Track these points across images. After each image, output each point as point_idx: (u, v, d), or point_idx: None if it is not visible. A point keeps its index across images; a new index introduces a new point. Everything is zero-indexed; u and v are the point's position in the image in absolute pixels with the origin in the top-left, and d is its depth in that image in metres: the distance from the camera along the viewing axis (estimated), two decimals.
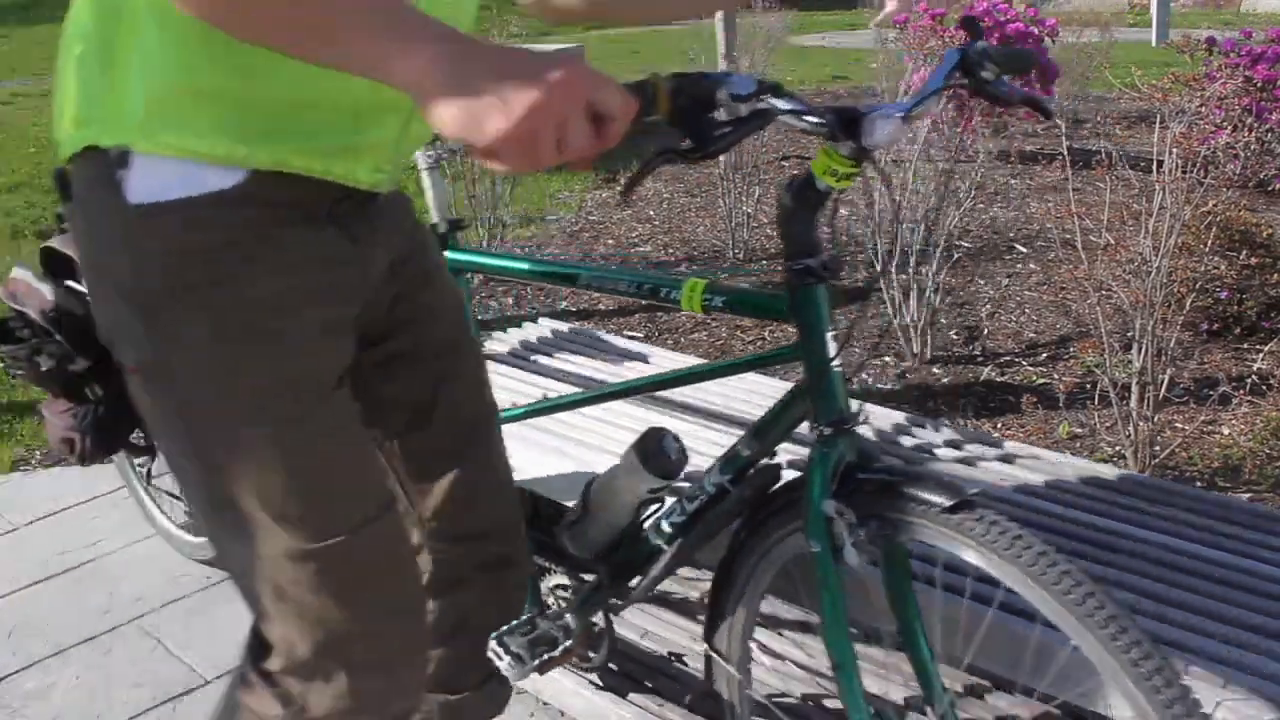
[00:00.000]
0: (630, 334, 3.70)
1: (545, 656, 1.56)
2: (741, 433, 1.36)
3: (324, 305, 1.12)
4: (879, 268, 3.42)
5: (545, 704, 1.89)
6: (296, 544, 1.11)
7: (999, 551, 1.11)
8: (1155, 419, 2.62)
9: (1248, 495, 2.51)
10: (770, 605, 1.86)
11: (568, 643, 1.56)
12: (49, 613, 2.27)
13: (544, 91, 0.81)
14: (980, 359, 3.45)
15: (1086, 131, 6.33)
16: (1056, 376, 3.25)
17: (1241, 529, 1.63)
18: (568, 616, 1.57)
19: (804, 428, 1.27)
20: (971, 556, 1.14)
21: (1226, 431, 2.86)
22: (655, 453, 1.40)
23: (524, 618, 1.57)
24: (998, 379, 3.29)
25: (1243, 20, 12.50)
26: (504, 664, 1.54)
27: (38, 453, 2.98)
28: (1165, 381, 2.62)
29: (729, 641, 1.45)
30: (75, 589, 2.34)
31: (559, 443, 1.97)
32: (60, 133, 1.08)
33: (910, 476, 1.20)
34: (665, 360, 2.32)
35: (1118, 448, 2.69)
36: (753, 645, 1.48)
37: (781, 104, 1.06)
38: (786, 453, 1.74)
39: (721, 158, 4.91)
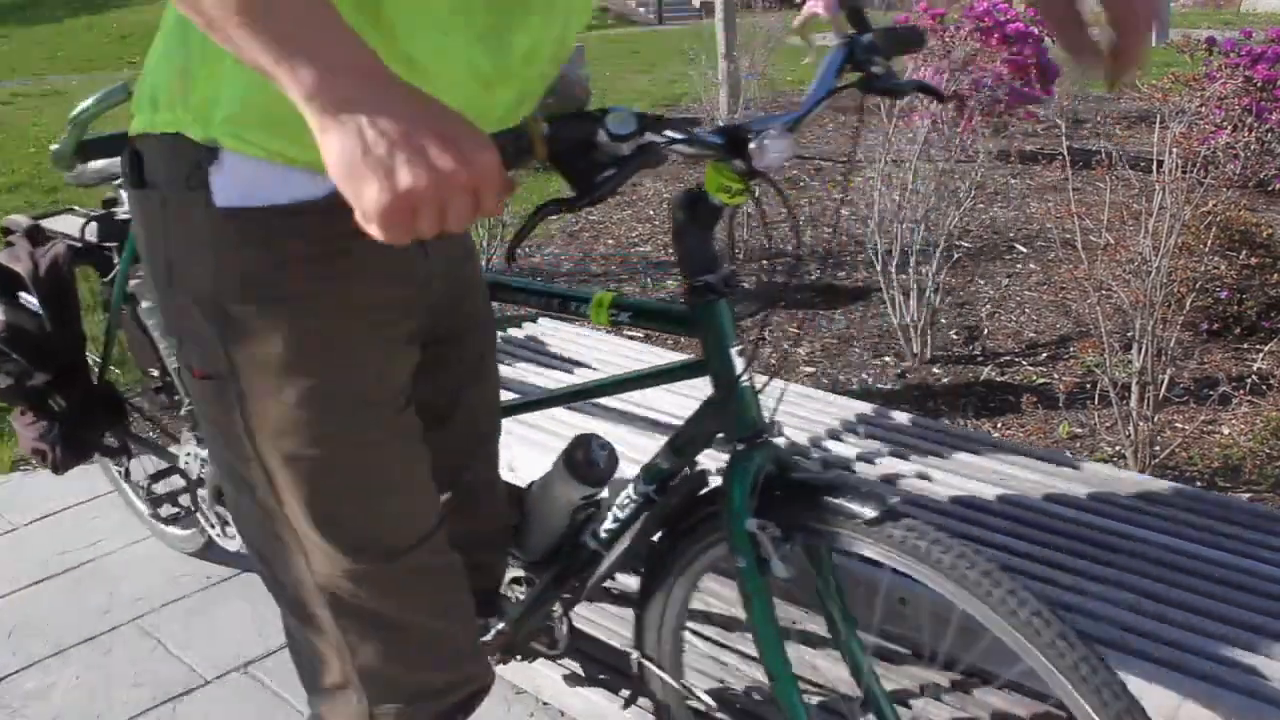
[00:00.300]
0: (630, 334, 3.70)
1: (496, 630, 1.58)
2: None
3: (397, 320, 1.11)
4: (879, 267, 3.42)
5: (545, 704, 1.89)
6: (358, 564, 1.11)
7: (923, 558, 1.11)
8: (1155, 419, 2.62)
9: (1248, 495, 2.51)
10: (703, 603, 1.86)
11: (500, 626, 1.58)
12: (49, 613, 2.27)
13: (431, 180, 0.78)
14: (980, 359, 3.45)
15: (1086, 131, 6.33)
16: (1056, 376, 3.25)
17: (1241, 529, 1.63)
18: (522, 611, 1.59)
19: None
20: (898, 563, 1.14)
21: (1226, 431, 2.86)
22: (583, 461, 1.40)
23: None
24: (998, 379, 3.29)
25: (1243, 20, 12.50)
26: None
27: None
28: (1165, 381, 2.62)
29: (659, 646, 1.46)
30: (75, 589, 2.34)
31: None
32: (141, 103, 1.03)
33: (832, 486, 1.19)
34: (654, 358, 2.32)
35: (1118, 448, 2.69)
36: (686, 643, 1.49)
37: (664, 137, 1.00)
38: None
39: None
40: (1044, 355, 3.46)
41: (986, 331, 3.67)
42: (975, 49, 5.11)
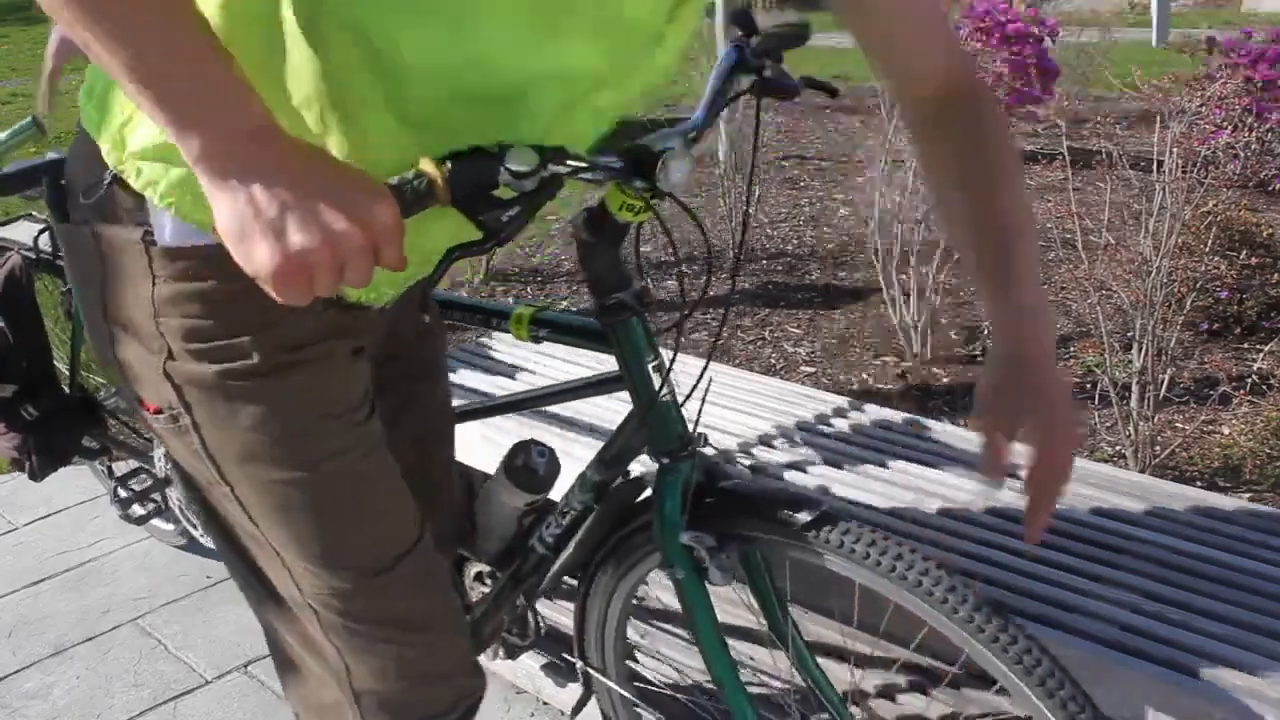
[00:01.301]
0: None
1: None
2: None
3: (348, 336, 1.09)
4: (879, 267, 3.42)
5: (545, 704, 1.89)
6: (346, 581, 1.09)
7: (859, 560, 1.12)
8: (1155, 419, 2.62)
9: (1248, 495, 2.51)
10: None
11: (471, 597, 1.59)
12: (49, 613, 2.27)
13: (324, 241, 0.77)
14: (980, 359, 3.45)
15: (1086, 131, 6.32)
16: None
17: (1241, 529, 1.62)
18: (486, 607, 1.60)
19: None
20: (836, 567, 1.15)
21: (1226, 431, 2.86)
22: (522, 467, 1.40)
23: None
24: None
25: (1243, 20, 12.49)
26: None
27: None
28: (1165, 381, 2.62)
29: (601, 654, 1.47)
30: (75, 589, 2.34)
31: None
32: (97, 134, 0.99)
33: (764, 494, 1.21)
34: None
35: (1118, 448, 2.69)
36: (629, 646, 1.52)
37: (567, 166, 0.97)
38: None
39: (721, 156, 4.91)
40: None
41: (987, 331, 3.67)
42: (975, 49, 5.11)
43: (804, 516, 1.14)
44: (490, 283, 4.33)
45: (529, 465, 1.40)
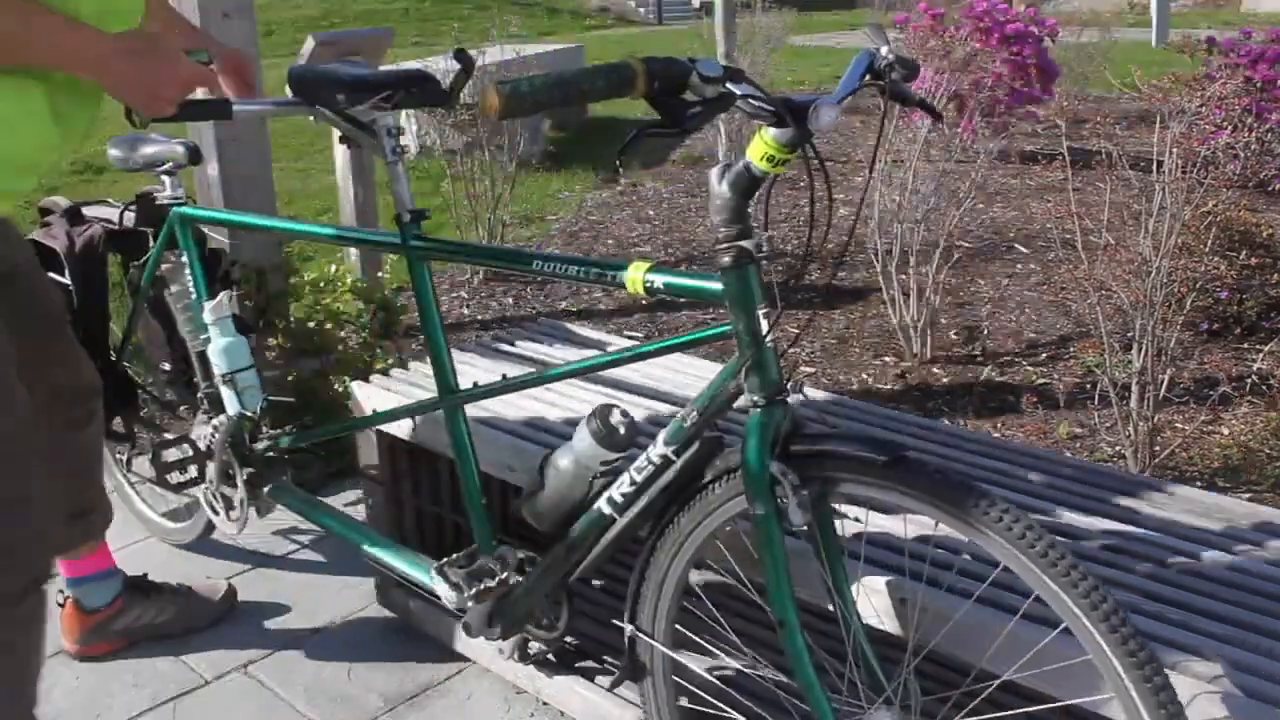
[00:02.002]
0: (630, 334, 3.70)
1: (482, 586, 1.65)
2: (683, 409, 1.43)
3: None
4: (879, 267, 3.42)
5: (545, 704, 1.89)
6: None
7: (940, 499, 1.18)
8: (1155, 419, 2.62)
9: (1248, 495, 2.51)
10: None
11: (503, 575, 1.66)
12: (49, 613, 2.26)
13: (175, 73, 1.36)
14: (980, 359, 3.45)
15: (1086, 131, 6.32)
16: (1056, 376, 3.25)
17: (1241, 529, 1.63)
18: (528, 585, 1.65)
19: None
20: (911, 505, 1.21)
21: (1226, 431, 2.86)
22: (606, 428, 1.48)
23: (465, 551, 1.70)
24: (998, 379, 3.29)
25: (1243, 20, 12.50)
26: (444, 591, 1.67)
27: None
28: (1165, 381, 2.62)
29: (655, 617, 1.51)
30: None
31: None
32: None
33: (844, 438, 1.30)
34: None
35: (1118, 448, 2.69)
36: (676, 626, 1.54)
37: (741, 89, 1.17)
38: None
39: (720, 155, 4.91)
40: (1044, 355, 3.46)
41: (986, 331, 3.67)
42: (975, 49, 5.11)
43: (879, 458, 1.21)
44: (490, 283, 4.33)
45: (612, 425, 1.48)
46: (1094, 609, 1.12)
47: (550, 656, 1.87)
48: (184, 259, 2.05)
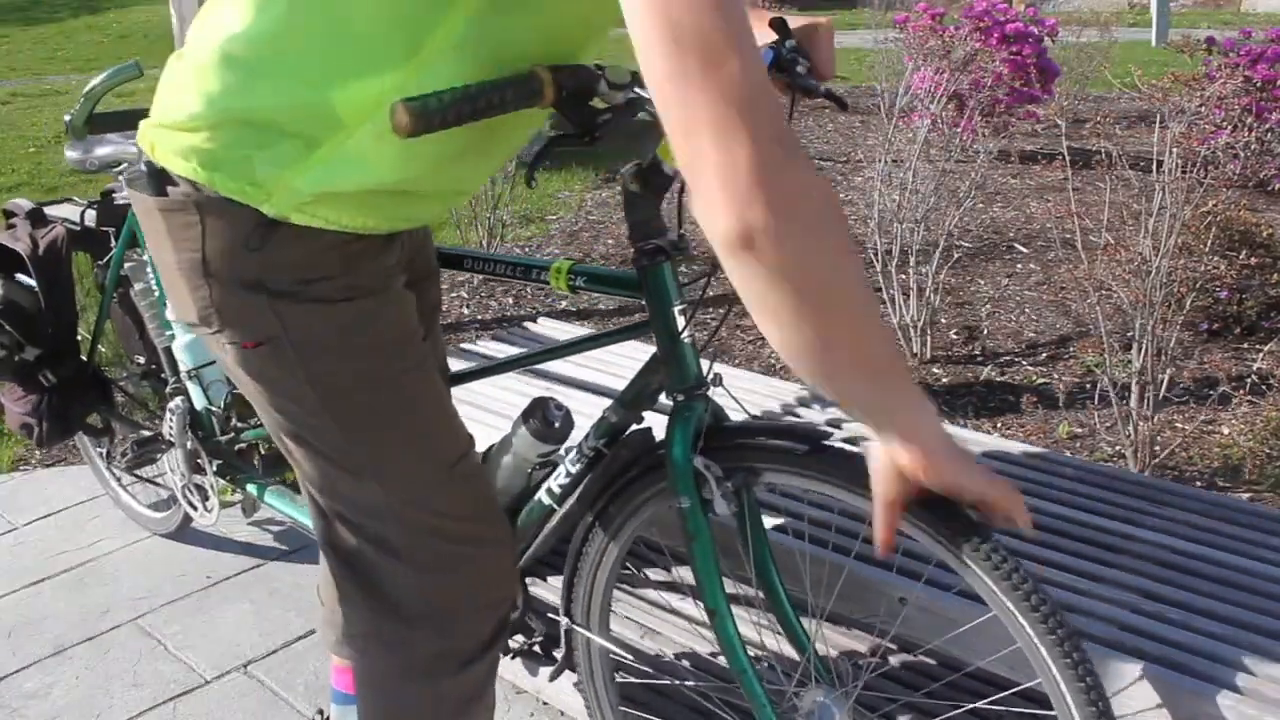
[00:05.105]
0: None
1: None
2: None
3: (396, 273, 1.28)
4: (879, 267, 3.42)
5: (545, 704, 1.89)
6: (440, 469, 1.28)
7: (854, 484, 1.18)
8: (1155, 419, 2.62)
9: (1248, 495, 2.51)
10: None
11: None
12: (49, 613, 2.27)
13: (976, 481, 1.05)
14: (980, 359, 3.45)
15: (1086, 131, 6.32)
16: (1056, 376, 3.25)
17: (1241, 529, 1.63)
18: None
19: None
20: (830, 492, 1.23)
21: (1226, 431, 2.86)
22: (541, 420, 1.50)
23: None
24: (998, 379, 3.29)
25: (1243, 20, 12.50)
26: None
27: (38, 453, 2.98)
28: (1165, 381, 2.62)
29: (588, 609, 1.53)
30: (75, 589, 2.34)
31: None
32: (183, 136, 1.14)
33: (766, 429, 1.33)
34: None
35: (1118, 448, 2.69)
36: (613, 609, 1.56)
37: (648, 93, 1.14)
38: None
39: None
40: (1044, 355, 3.46)
41: (986, 331, 3.67)
42: (975, 49, 5.11)
43: (802, 446, 1.23)
44: (490, 283, 4.33)
45: (548, 417, 1.50)
46: (995, 569, 1.11)
47: (535, 648, 1.87)
48: (145, 257, 2.07)
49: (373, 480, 1.25)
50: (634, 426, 1.45)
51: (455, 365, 1.63)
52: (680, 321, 1.32)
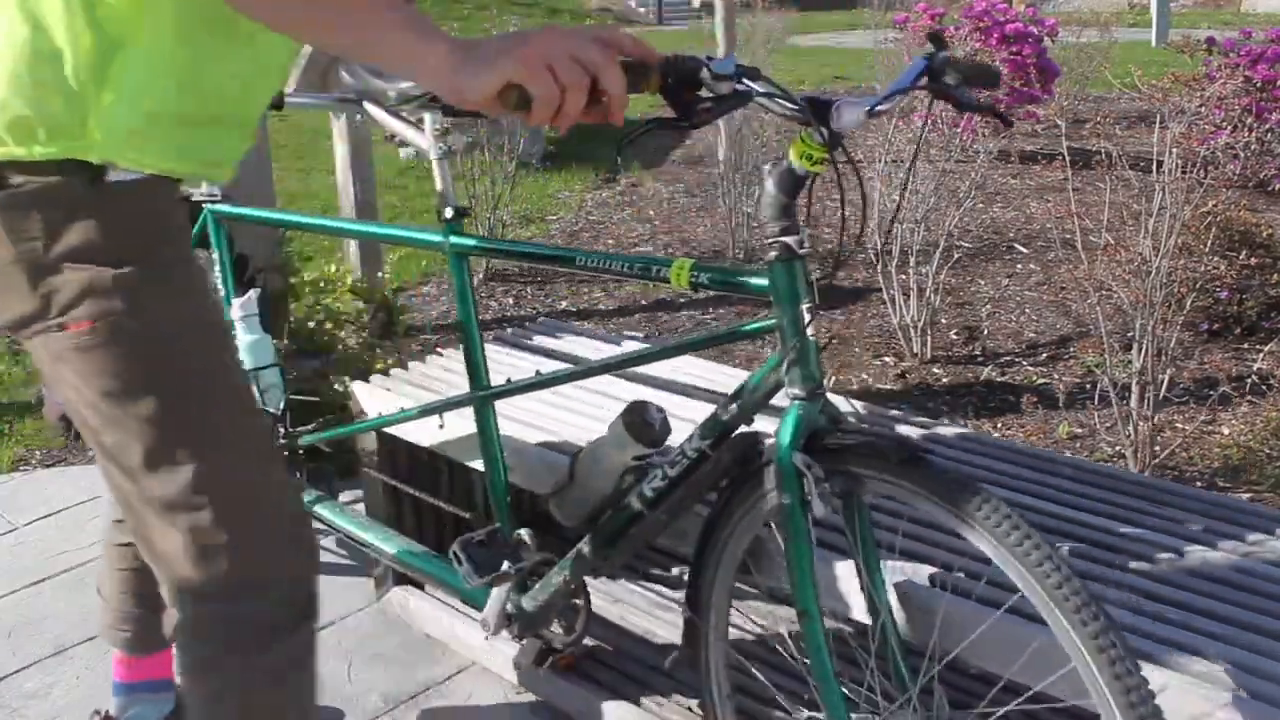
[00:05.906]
0: (630, 334, 3.70)
1: (501, 569, 1.66)
2: (718, 404, 1.44)
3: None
4: (879, 267, 3.42)
5: (545, 704, 1.89)
6: (262, 443, 1.33)
7: (948, 500, 1.20)
8: (1155, 419, 2.62)
9: (1248, 495, 2.51)
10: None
11: (523, 560, 1.67)
12: (49, 613, 2.27)
13: (532, 44, 0.98)
14: (980, 359, 3.45)
15: (1086, 131, 6.33)
16: (1056, 376, 3.25)
17: (1241, 529, 1.63)
18: (553, 579, 1.63)
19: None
20: (924, 506, 1.22)
21: (1226, 431, 2.86)
22: (640, 423, 1.49)
23: (486, 529, 1.71)
24: (998, 379, 3.29)
25: (1243, 20, 12.50)
26: (463, 569, 1.67)
27: (38, 453, 2.98)
28: (1165, 381, 2.62)
29: (710, 605, 1.51)
30: (75, 589, 2.34)
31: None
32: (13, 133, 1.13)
33: (871, 436, 1.32)
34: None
35: (1118, 448, 2.69)
36: (733, 613, 1.54)
37: (758, 88, 1.18)
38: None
39: (721, 158, 4.92)
40: (1044, 355, 3.46)
41: (986, 331, 3.67)
42: (975, 49, 5.11)
43: (898, 457, 1.24)
44: (490, 283, 4.33)
45: (647, 419, 1.50)
46: (1065, 601, 1.13)
47: (571, 666, 1.87)
48: (215, 256, 2.06)
49: (199, 460, 1.25)
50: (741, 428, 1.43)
51: (549, 366, 1.59)
52: (807, 319, 1.33)
